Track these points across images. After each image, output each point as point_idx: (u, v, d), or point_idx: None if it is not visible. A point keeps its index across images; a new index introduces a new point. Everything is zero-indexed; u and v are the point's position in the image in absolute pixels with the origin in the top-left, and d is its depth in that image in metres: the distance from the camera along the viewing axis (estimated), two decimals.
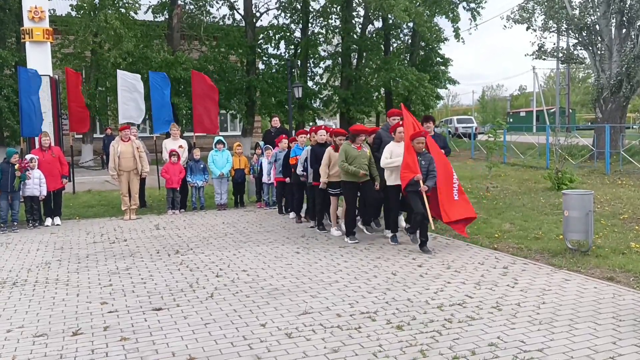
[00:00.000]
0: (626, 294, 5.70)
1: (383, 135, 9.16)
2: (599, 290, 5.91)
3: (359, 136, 8.68)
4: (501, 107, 73.15)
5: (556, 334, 4.72)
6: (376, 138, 9.27)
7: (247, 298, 5.92)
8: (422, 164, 7.78)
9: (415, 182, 7.69)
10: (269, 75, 29.45)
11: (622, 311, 5.23)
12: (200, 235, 9.53)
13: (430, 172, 7.83)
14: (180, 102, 23.39)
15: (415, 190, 7.76)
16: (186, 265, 7.44)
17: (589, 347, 4.42)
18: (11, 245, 8.96)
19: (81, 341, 4.85)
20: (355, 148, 8.58)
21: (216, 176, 12.16)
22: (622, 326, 4.85)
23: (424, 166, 7.79)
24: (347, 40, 30.48)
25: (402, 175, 7.83)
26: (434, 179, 7.83)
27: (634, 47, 20.16)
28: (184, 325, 5.16)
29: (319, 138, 9.82)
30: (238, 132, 32.45)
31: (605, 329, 4.78)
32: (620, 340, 4.54)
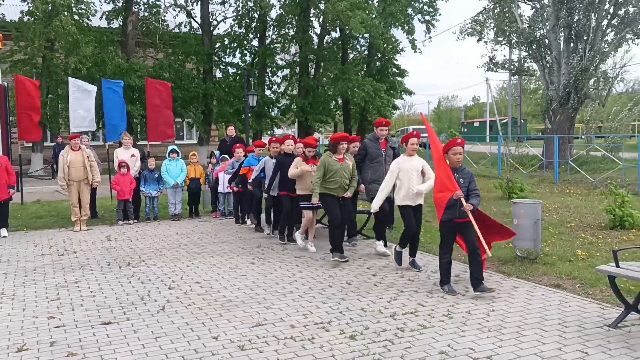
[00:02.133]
0: (572, 300, 5.88)
1: (369, 145, 8.47)
2: (546, 297, 6.07)
3: (340, 145, 7.87)
4: (456, 117, 74.74)
5: (504, 340, 4.82)
6: (361, 149, 8.58)
7: (199, 310, 5.84)
8: (461, 182, 6.20)
9: (454, 202, 6.13)
10: (226, 83, 29.30)
11: (568, 317, 5.39)
12: (153, 246, 9.36)
13: (472, 192, 6.25)
14: (134, 110, 23.02)
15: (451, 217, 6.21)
16: (137, 277, 7.29)
17: (536, 353, 4.54)
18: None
19: (26, 357, 4.69)
20: (337, 160, 7.82)
21: (170, 186, 11.98)
22: (567, 332, 4.99)
23: (463, 185, 6.20)
24: (304, 49, 30.62)
25: (437, 199, 6.31)
26: (478, 197, 6.28)
27: (581, 60, 20.91)
28: (134, 340, 5.05)
29: (286, 148, 9.43)
30: (194, 140, 32.10)
31: (551, 335, 4.91)
32: (566, 346, 4.67)
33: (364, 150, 8.52)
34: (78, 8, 23.12)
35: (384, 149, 8.46)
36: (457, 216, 6.17)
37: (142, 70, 23.96)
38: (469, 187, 6.24)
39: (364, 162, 8.45)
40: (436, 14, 32.26)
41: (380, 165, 8.35)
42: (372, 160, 8.44)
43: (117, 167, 11.64)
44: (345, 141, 8.02)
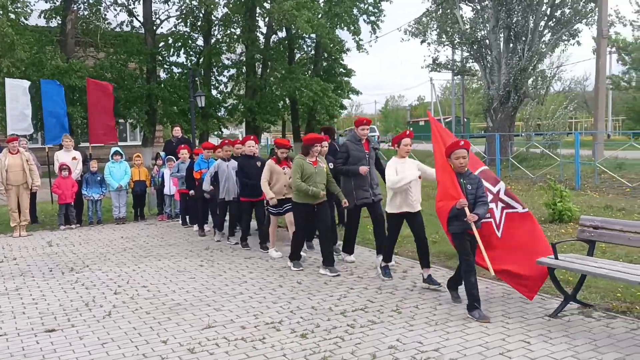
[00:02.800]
0: (514, 292, 6.08)
1: (350, 147, 7.53)
2: (490, 289, 6.27)
3: (313, 147, 7.23)
4: (402, 117, 75.86)
5: (451, 333, 4.95)
6: (342, 151, 7.69)
7: (147, 315, 5.74)
8: (468, 188, 5.42)
9: (458, 211, 5.32)
10: (170, 83, 28.78)
11: (511, 309, 5.58)
12: (97, 251, 9.11)
13: (479, 199, 5.42)
14: (75, 112, 22.31)
15: (462, 229, 5.39)
16: (82, 283, 7.09)
17: (481, 344, 4.68)
18: None
19: None
20: (311, 163, 7.22)
21: (114, 189, 11.69)
22: (510, 323, 5.17)
23: (470, 191, 5.41)
24: (251, 49, 30.42)
25: (439, 208, 5.52)
26: (485, 205, 5.43)
27: (520, 60, 21.63)
28: (80, 347, 4.92)
29: (247, 149, 8.77)
30: (138, 142, 31.39)
31: (495, 326, 5.07)
32: (509, 337, 4.83)
33: (345, 153, 7.56)
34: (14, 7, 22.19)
35: (367, 150, 7.56)
36: (470, 227, 5.33)
37: (82, 70, 23.21)
38: (476, 194, 5.42)
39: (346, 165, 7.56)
40: (381, 14, 32.64)
41: None
42: (355, 163, 7.49)
43: (58, 170, 11.28)
44: (319, 143, 7.37)
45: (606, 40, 21.13)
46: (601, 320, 5.16)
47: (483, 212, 5.37)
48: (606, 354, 4.36)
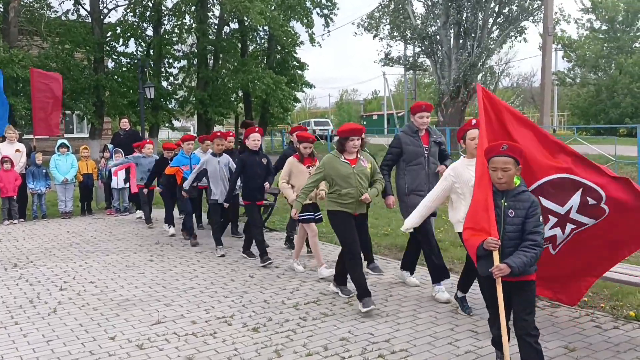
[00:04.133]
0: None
1: (405, 141, 5.97)
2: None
3: (350, 140, 5.54)
4: (355, 111, 76.40)
5: (401, 324, 5.02)
6: (393, 146, 6.06)
7: (94, 311, 5.59)
8: (510, 215, 3.66)
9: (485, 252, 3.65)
10: (119, 74, 28.07)
11: None
12: (42, 246, 8.82)
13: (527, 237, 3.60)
14: (18, 103, 21.50)
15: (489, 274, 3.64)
16: (26, 279, 6.85)
17: (430, 334, 4.77)
18: None
19: None
20: (347, 162, 5.56)
21: (59, 182, 11.33)
22: (459, 313, 5.28)
23: (512, 221, 3.65)
24: (202, 40, 29.98)
25: (466, 238, 3.81)
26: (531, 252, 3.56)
27: (470, 56, 22.09)
28: (23, 344, 4.76)
29: (251, 144, 7.39)
30: (86, 134, 30.53)
31: (444, 317, 5.18)
32: (457, 327, 4.94)
33: (397, 147, 6.00)
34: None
35: (425, 145, 5.98)
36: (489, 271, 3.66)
37: (25, 60, 22.38)
38: (523, 227, 3.61)
39: (399, 164, 6.07)
40: (334, 8, 32.72)
41: (421, 169, 5.95)
42: (410, 162, 5.95)
43: (0, 163, 10.85)
44: (358, 135, 5.58)
45: (552, 38, 21.80)
46: (545, 309, 5.33)
47: (519, 265, 3.53)
48: (550, 341, 4.50)
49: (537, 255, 3.60)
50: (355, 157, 5.61)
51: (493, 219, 3.64)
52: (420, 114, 5.93)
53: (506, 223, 3.66)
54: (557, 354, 4.24)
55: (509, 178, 3.65)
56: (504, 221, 3.67)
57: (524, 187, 3.75)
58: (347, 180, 5.48)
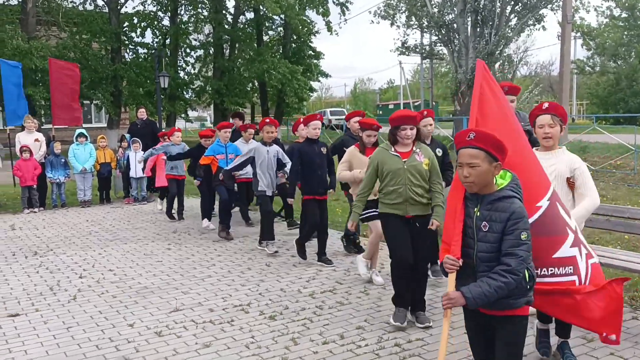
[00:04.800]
0: None
1: None
2: None
3: (400, 129, 4.73)
4: (371, 100, 76.07)
5: None
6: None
7: (113, 298, 5.67)
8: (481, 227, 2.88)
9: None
10: (136, 64, 28.22)
11: None
12: (62, 234, 8.94)
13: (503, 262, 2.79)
14: (37, 92, 21.73)
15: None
16: (46, 267, 6.96)
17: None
18: None
19: None
20: (397, 154, 4.77)
21: (78, 171, 11.46)
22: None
23: (483, 236, 2.87)
24: (218, 30, 30.00)
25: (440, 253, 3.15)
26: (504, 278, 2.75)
27: (487, 44, 21.84)
28: (44, 331, 4.84)
29: (311, 132, 6.69)
30: (103, 123, 30.80)
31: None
32: None
33: None
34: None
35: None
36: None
37: (44, 50, 22.58)
38: (501, 244, 2.81)
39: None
40: None
41: None
42: None
43: (19, 152, 10.99)
44: (412, 124, 4.74)
45: (571, 26, 21.48)
46: None
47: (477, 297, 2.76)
48: None
49: (508, 285, 2.71)
50: (410, 150, 4.79)
51: (458, 232, 2.93)
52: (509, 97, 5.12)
53: (478, 239, 2.84)
54: (575, 344, 4.22)
55: (477, 177, 2.82)
56: (476, 236, 2.87)
57: (511, 191, 2.84)
58: (394, 177, 4.71)
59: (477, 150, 2.83)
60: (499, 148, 2.85)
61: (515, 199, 2.83)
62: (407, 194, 4.67)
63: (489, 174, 2.84)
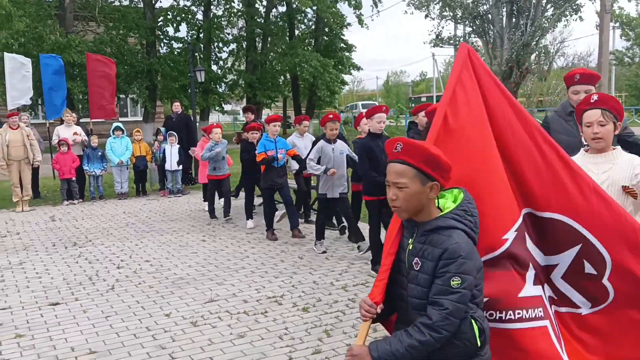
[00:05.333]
0: None
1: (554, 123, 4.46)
2: None
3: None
4: (403, 93, 75.54)
5: None
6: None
7: (150, 289, 5.80)
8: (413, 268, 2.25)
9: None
10: (170, 58, 28.60)
11: None
12: (100, 225, 9.16)
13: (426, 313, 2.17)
14: (75, 87, 22.23)
15: None
16: (85, 257, 7.15)
17: None
18: None
19: None
20: None
21: (115, 164, 11.70)
22: None
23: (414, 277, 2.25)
24: (250, 24, 30.16)
25: None
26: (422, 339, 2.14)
27: (523, 35, 21.47)
28: (84, 319, 4.98)
29: (375, 126, 6.00)
30: (139, 117, 31.33)
31: None
32: None
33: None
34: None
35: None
36: None
37: (82, 45, 23.08)
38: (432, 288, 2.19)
39: None
40: None
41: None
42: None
43: (58, 146, 11.28)
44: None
45: (609, 15, 20.93)
46: None
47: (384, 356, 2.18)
48: None
49: (425, 345, 2.12)
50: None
51: (385, 268, 2.31)
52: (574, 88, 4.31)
53: (409, 279, 2.24)
54: None
55: (405, 201, 2.21)
56: (408, 275, 2.26)
57: (454, 219, 2.19)
58: None
59: (404, 166, 2.21)
60: (434, 163, 2.19)
61: (456, 231, 2.16)
62: None
63: (422, 196, 2.20)
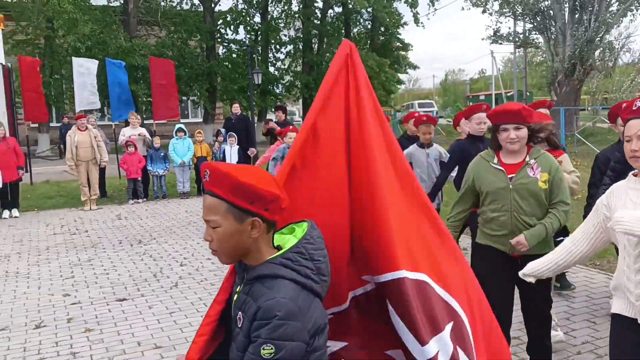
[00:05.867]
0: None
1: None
2: None
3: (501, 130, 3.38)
4: (461, 91, 74.26)
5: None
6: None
7: (212, 286, 5.95)
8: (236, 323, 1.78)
9: None
10: (229, 60, 29.20)
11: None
12: (163, 224, 9.46)
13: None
14: (139, 89, 23.03)
15: None
16: (149, 255, 7.41)
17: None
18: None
19: (44, 334, 4.82)
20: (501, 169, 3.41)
21: (177, 164, 12.06)
22: (574, 303, 5.07)
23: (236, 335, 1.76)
24: (307, 25, 30.41)
25: None
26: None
27: (586, 31, 20.73)
28: (149, 315, 5.18)
29: (474, 128, 5.02)
30: (199, 118, 32.11)
31: (560, 305, 5.00)
32: (574, 316, 4.75)
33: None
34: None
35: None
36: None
37: (145, 49, 23.91)
38: None
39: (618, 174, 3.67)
40: None
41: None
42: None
43: (125, 147, 11.72)
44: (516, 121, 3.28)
45: None
46: None
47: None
48: None
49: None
50: (521, 161, 3.34)
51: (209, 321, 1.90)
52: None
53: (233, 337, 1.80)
54: None
55: (219, 242, 1.74)
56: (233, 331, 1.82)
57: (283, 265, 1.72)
58: (497, 198, 3.37)
59: (214, 199, 1.76)
60: (248, 194, 1.70)
61: (281, 281, 1.68)
62: (513, 223, 3.32)
63: (241, 237, 1.72)
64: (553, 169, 3.32)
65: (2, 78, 13.01)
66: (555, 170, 3.33)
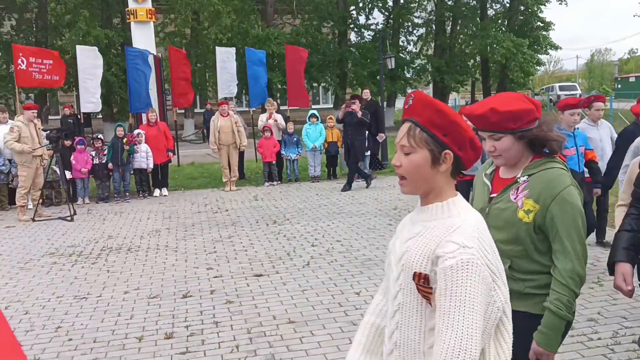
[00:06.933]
0: None
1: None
2: None
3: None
4: (608, 73, 68.54)
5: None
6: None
7: (341, 267, 6.13)
8: None
9: None
10: (359, 46, 29.35)
11: None
12: (296, 206, 9.84)
13: None
14: (274, 77, 23.90)
15: None
16: (283, 234, 7.76)
17: None
18: (124, 214, 9.71)
19: (190, 303, 5.27)
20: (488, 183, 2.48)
21: (309, 149, 12.43)
22: None
23: None
24: (440, 7, 29.71)
25: None
26: None
27: None
28: (283, 291, 5.45)
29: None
30: (330, 104, 32.68)
31: None
32: None
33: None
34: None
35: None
36: None
37: (280, 37, 24.75)
38: None
39: None
40: None
41: None
42: None
43: (262, 131, 12.30)
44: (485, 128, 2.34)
45: None
46: None
47: None
48: None
49: None
50: (513, 177, 2.38)
51: None
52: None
53: None
54: None
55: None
56: None
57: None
58: None
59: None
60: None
61: None
62: None
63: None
64: (546, 196, 2.22)
65: (153, 67, 14.18)
66: (551, 198, 2.21)
